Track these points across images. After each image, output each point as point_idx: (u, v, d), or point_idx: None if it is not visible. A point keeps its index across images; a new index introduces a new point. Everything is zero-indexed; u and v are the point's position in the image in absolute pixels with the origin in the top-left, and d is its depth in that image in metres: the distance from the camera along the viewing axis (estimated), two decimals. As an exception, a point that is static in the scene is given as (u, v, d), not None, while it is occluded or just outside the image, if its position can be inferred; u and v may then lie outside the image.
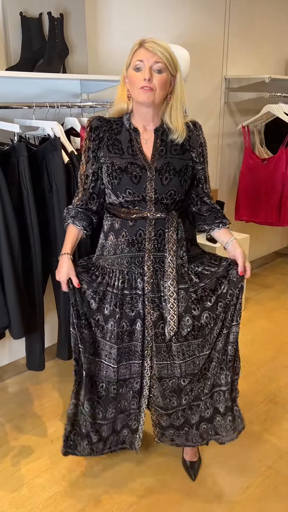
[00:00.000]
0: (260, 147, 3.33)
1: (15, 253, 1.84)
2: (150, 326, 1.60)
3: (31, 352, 2.12)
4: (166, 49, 1.44)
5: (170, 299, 1.56)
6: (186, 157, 1.57)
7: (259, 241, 4.02)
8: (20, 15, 2.06)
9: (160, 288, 1.59)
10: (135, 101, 1.51)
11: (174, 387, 1.67)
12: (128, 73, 1.48)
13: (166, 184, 1.52)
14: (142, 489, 1.83)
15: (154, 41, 1.43)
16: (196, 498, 1.79)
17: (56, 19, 2.13)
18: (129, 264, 1.58)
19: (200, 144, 1.60)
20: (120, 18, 2.55)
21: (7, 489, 1.83)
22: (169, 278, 1.55)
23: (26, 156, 1.83)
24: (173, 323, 1.57)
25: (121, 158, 1.53)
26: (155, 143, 1.55)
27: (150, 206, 1.54)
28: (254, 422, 2.19)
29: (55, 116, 2.15)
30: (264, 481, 1.87)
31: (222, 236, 1.69)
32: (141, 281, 1.58)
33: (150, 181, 1.51)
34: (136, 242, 1.56)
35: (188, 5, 2.86)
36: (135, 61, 1.44)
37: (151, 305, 1.59)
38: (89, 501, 1.78)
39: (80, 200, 1.64)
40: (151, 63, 1.43)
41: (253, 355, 2.76)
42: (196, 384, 1.69)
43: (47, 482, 1.86)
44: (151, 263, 1.57)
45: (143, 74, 1.43)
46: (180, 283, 1.58)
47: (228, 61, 3.25)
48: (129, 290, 1.59)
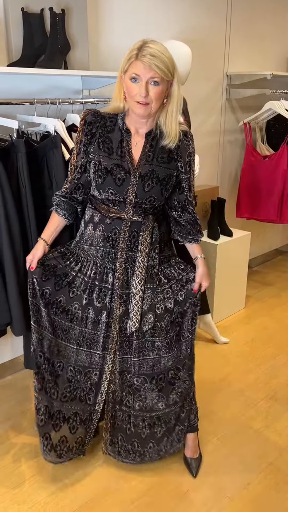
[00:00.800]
0: (262, 144, 3.32)
1: (17, 248, 1.84)
2: (117, 320, 1.67)
3: (28, 350, 2.12)
4: (163, 61, 1.42)
5: (136, 296, 1.63)
6: (171, 166, 1.61)
7: (260, 239, 4.01)
8: (22, 10, 2.05)
9: (129, 285, 1.66)
10: (131, 109, 1.53)
11: (130, 383, 1.74)
12: (124, 80, 1.49)
13: (148, 190, 1.57)
14: (143, 485, 1.84)
15: (151, 53, 1.40)
16: (197, 495, 1.79)
17: (57, 14, 2.12)
18: (103, 258, 1.65)
19: (189, 154, 1.63)
20: (122, 14, 2.54)
21: (8, 485, 1.84)
22: (138, 277, 1.62)
23: (24, 153, 1.83)
24: (135, 319, 1.64)
25: (109, 158, 1.56)
26: (144, 148, 1.58)
27: (129, 209, 1.59)
28: (255, 419, 2.19)
29: (57, 112, 2.14)
30: (265, 478, 1.87)
31: (191, 250, 1.79)
32: (112, 276, 1.65)
33: (132, 185, 1.56)
34: (110, 239, 1.63)
35: (190, 1, 2.85)
36: (132, 73, 1.44)
37: (119, 300, 1.66)
38: (90, 497, 1.78)
39: (65, 189, 1.70)
40: (147, 78, 1.43)
41: (254, 352, 2.77)
42: (149, 392, 1.74)
43: (48, 479, 1.87)
44: (123, 261, 1.64)
45: (140, 88, 1.44)
46: (148, 283, 1.65)
47: (230, 57, 3.24)
48: (99, 282, 1.67)
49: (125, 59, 1.46)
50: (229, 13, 3.11)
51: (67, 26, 2.20)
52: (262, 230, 3.96)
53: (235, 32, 3.20)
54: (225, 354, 2.74)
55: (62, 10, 2.14)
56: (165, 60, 1.43)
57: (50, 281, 1.66)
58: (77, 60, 2.30)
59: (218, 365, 2.63)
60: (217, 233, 3.01)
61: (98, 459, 1.96)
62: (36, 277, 1.64)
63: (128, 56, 1.45)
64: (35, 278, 1.64)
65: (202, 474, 1.89)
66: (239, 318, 3.20)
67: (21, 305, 1.87)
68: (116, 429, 1.83)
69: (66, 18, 2.19)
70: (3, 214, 1.77)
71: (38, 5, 2.09)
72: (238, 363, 2.66)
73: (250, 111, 3.42)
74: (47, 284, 1.66)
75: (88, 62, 2.34)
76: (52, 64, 2.10)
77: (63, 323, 1.71)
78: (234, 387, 2.43)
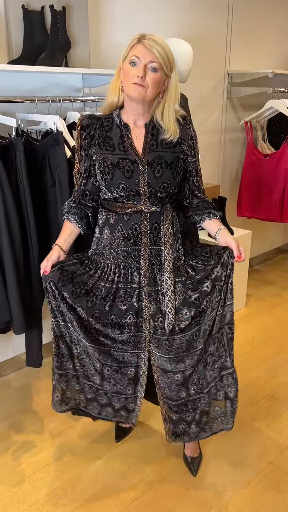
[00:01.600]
0: (263, 142, 3.31)
1: (17, 247, 1.84)
2: (148, 319, 1.60)
3: (28, 348, 2.12)
4: (164, 49, 1.45)
5: (168, 292, 1.56)
6: (177, 150, 1.59)
7: (261, 238, 4.01)
8: (22, 8, 2.04)
9: (157, 282, 1.59)
10: (126, 95, 1.53)
11: (180, 380, 1.66)
12: (123, 65, 1.50)
13: (159, 177, 1.54)
14: (142, 484, 1.83)
15: (153, 38, 1.44)
16: (197, 493, 1.79)
17: (58, 12, 2.12)
18: (125, 258, 1.59)
19: (191, 137, 1.63)
20: (123, 12, 2.53)
21: (8, 483, 1.84)
22: (166, 271, 1.57)
23: (22, 151, 1.82)
24: (171, 316, 1.56)
25: (113, 154, 1.55)
26: (146, 138, 1.57)
27: (145, 200, 1.55)
28: (256, 418, 2.19)
29: (57, 110, 2.13)
30: (265, 477, 1.87)
31: (212, 226, 1.70)
32: (137, 275, 1.59)
33: (142, 174, 1.53)
34: (132, 236, 1.58)
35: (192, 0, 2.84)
36: (132, 55, 1.46)
37: (148, 298, 1.59)
38: (90, 495, 1.78)
39: (73, 197, 1.69)
40: (147, 61, 1.44)
41: (255, 351, 2.76)
42: (202, 372, 1.67)
43: (48, 477, 1.87)
44: (147, 256, 1.58)
45: (137, 70, 1.45)
46: (177, 276, 1.59)
47: (231, 56, 3.23)
48: (124, 284, 1.60)
49: (127, 47, 1.48)
50: (230, 11, 3.10)
51: (67, 24, 2.19)
52: (263, 229, 3.95)
53: (236, 30, 3.19)
54: (225, 353, 2.74)
55: (62, 7, 2.14)
56: (166, 50, 1.46)
57: (67, 287, 1.59)
58: (78, 58, 2.30)
59: (218, 364, 2.63)
60: (218, 232, 3.00)
61: (99, 458, 1.96)
62: (53, 280, 1.58)
63: (129, 43, 1.47)
64: (51, 281, 1.58)
65: (202, 473, 1.89)
66: (240, 317, 3.19)
67: (21, 303, 1.87)
68: (175, 422, 1.73)
69: (67, 15, 2.18)
70: (2, 212, 1.77)
71: (39, 2, 2.09)
72: (238, 362, 2.65)
73: (251, 109, 3.41)
74: (64, 290, 1.59)
75: (89, 60, 2.34)
76: (53, 62, 2.10)
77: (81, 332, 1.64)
78: (235, 386, 2.43)
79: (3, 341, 2.46)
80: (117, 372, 1.69)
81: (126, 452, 1.99)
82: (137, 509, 1.73)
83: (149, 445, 2.02)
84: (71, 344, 1.71)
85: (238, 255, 1.63)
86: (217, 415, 1.75)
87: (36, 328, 2.05)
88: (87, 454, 1.98)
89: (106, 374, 1.70)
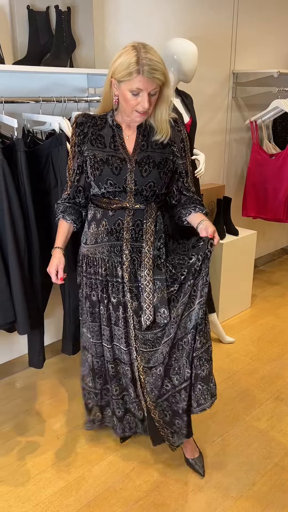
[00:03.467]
0: (268, 142, 3.30)
1: (21, 247, 1.84)
2: (132, 315, 1.67)
3: (30, 349, 2.12)
4: (161, 70, 1.44)
5: (146, 288, 1.61)
6: (166, 151, 1.62)
7: (266, 238, 3.99)
8: (27, 8, 2.05)
9: (137, 278, 1.64)
10: (126, 115, 1.55)
11: (162, 373, 1.69)
12: (120, 89, 1.49)
13: (146, 176, 1.58)
14: (147, 485, 1.83)
15: (150, 66, 1.41)
16: (202, 495, 1.79)
17: (63, 12, 2.12)
18: (109, 253, 1.65)
19: (182, 140, 1.66)
20: (128, 12, 2.53)
21: (13, 483, 1.84)
22: (146, 268, 1.61)
23: (23, 152, 1.83)
24: (149, 312, 1.62)
25: (103, 151, 1.59)
26: (137, 139, 1.61)
27: (130, 197, 1.60)
28: (260, 419, 2.18)
29: (62, 110, 2.14)
30: (270, 478, 1.86)
31: (196, 218, 1.65)
32: (120, 270, 1.65)
33: (130, 172, 1.57)
34: (114, 231, 1.63)
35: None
36: (134, 87, 1.45)
37: (130, 294, 1.66)
38: (95, 496, 1.78)
39: (67, 194, 1.72)
40: (149, 90, 1.46)
41: (259, 352, 2.75)
42: (180, 359, 1.66)
43: (53, 477, 1.87)
44: (129, 252, 1.63)
45: (142, 100, 1.47)
46: (156, 273, 1.62)
47: (236, 55, 3.22)
48: (111, 278, 1.67)
49: (123, 70, 1.44)
50: (236, 11, 3.09)
51: (72, 24, 2.20)
52: (268, 229, 3.94)
53: (242, 30, 3.18)
54: (230, 354, 2.73)
55: (67, 8, 2.14)
56: (162, 67, 1.45)
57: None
58: (83, 58, 2.30)
59: (223, 364, 2.62)
60: (222, 232, 2.99)
61: (103, 458, 1.96)
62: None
63: (126, 69, 1.43)
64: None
65: (207, 474, 1.88)
66: (245, 317, 3.18)
67: (25, 304, 1.87)
68: (169, 421, 1.77)
69: (72, 15, 2.18)
70: (7, 212, 1.77)
71: (44, 3, 2.09)
72: (243, 362, 2.64)
73: (257, 109, 3.40)
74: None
75: (93, 60, 2.34)
76: (58, 62, 2.10)
77: (94, 325, 1.78)
78: (239, 387, 2.42)
79: (8, 341, 2.47)
80: (119, 365, 1.79)
81: (131, 453, 1.99)
82: (142, 510, 1.72)
83: (152, 447, 2.01)
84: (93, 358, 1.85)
85: (211, 234, 1.57)
86: (198, 394, 1.71)
87: (37, 329, 2.05)
88: (91, 454, 1.98)
89: (112, 371, 1.79)
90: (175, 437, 1.79)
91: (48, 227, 2.05)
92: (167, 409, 1.75)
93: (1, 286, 1.84)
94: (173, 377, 1.69)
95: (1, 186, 1.76)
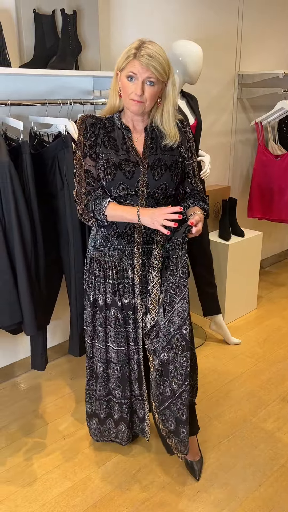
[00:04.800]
0: (274, 143, 3.29)
1: (28, 248, 1.85)
2: (141, 316, 1.70)
3: (33, 351, 2.13)
4: (159, 62, 1.44)
5: (153, 290, 1.64)
6: (175, 153, 1.63)
7: (272, 239, 3.98)
8: (34, 12, 2.06)
9: (147, 280, 1.66)
10: (125, 107, 1.57)
11: (160, 369, 1.70)
12: (121, 78, 1.51)
13: (158, 178, 1.58)
14: (153, 486, 1.83)
15: (148, 52, 1.42)
16: (208, 496, 1.79)
17: (69, 16, 2.13)
18: (120, 256, 1.66)
19: (188, 140, 1.66)
20: (133, 14, 2.54)
21: (19, 484, 1.85)
22: (154, 270, 1.63)
23: (29, 154, 1.84)
24: (154, 313, 1.66)
25: (116, 155, 1.58)
26: (145, 141, 1.61)
27: (142, 200, 1.59)
28: (267, 420, 2.18)
29: (68, 113, 2.15)
30: (277, 479, 1.85)
31: (191, 211, 1.61)
32: (131, 273, 1.67)
33: (143, 175, 1.57)
34: (125, 234, 1.63)
35: (201, 1, 2.84)
36: (129, 71, 1.46)
37: (140, 296, 1.68)
38: (101, 497, 1.78)
39: (92, 190, 1.60)
40: (144, 77, 1.46)
41: (265, 353, 2.74)
42: (175, 359, 1.64)
43: (59, 478, 1.87)
44: (140, 255, 1.64)
45: (135, 87, 1.47)
46: (164, 275, 1.64)
47: (241, 57, 3.22)
48: (121, 280, 1.68)
49: (123, 57, 1.48)
50: (241, 12, 3.10)
51: (78, 27, 2.21)
52: (274, 230, 3.93)
53: (247, 31, 3.18)
54: (236, 355, 2.73)
55: (73, 11, 2.15)
56: (162, 61, 1.45)
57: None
58: (89, 60, 2.31)
59: (229, 366, 2.62)
60: (228, 233, 2.99)
61: (110, 459, 1.97)
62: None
63: (125, 54, 1.47)
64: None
65: (213, 475, 1.88)
66: (251, 319, 3.18)
67: (32, 305, 1.88)
68: (175, 430, 1.75)
69: (78, 19, 2.19)
70: (14, 214, 1.79)
71: (50, 6, 2.10)
72: (249, 364, 2.64)
73: (262, 110, 3.40)
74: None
75: (99, 63, 2.35)
76: (64, 65, 2.11)
77: (100, 329, 1.79)
78: (246, 388, 2.42)
79: (14, 342, 2.48)
80: (128, 365, 1.80)
81: (137, 454, 1.99)
82: (148, 511, 1.73)
83: (160, 447, 2.01)
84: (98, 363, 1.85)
85: (192, 221, 1.50)
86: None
87: (40, 331, 2.06)
88: (98, 455, 1.98)
89: (115, 374, 1.80)
90: (181, 446, 1.75)
91: (54, 229, 2.06)
92: (171, 418, 1.73)
93: (8, 287, 1.85)
94: (172, 380, 1.68)
95: (8, 188, 1.77)
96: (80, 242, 1.98)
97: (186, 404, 1.69)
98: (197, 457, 1.91)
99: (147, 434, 1.91)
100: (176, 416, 1.72)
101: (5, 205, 1.79)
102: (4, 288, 1.84)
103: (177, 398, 1.69)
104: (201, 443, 2.02)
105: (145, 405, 1.86)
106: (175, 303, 1.60)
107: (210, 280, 2.64)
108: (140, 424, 1.92)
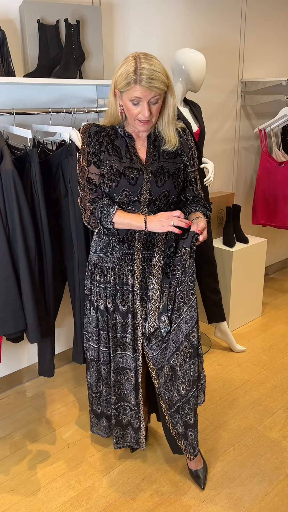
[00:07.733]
0: (277, 150, 3.29)
1: (32, 256, 1.86)
2: (141, 322, 1.69)
3: (40, 357, 2.13)
4: (161, 79, 1.44)
5: (153, 296, 1.64)
6: (177, 161, 1.64)
7: (277, 246, 3.97)
8: (38, 22, 2.09)
9: (147, 286, 1.66)
10: (131, 124, 1.57)
11: (170, 373, 1.70)
12: (123, 99, 1.51)
13: (161, 185, 1.59)
14: (158, 495, 1.81)
15: (148, 75, 1.41)
16: (213, 506, 1.76)
17: (72, 25, 2.15)
18: (120, 262, 1.66)
19: (190, 148, 1.67)
20: (136, 24, 2.56)
21: (23, 493, 1.84)
22: (154, 276, 1.63)
23: (37, 162, 1.85)
24: (153, 319, 1.65)
25: (120, 162, 1.59)
26: (148, 149, 1.63)
27: (144, 207, 1.60)
28: (272, 429, 2.15)
29: (72, 121, 2.16)
30: (283, 489, 1.83)
31: (193, 216, 1.63)
32: (131, 278, 1.67)
33: (146, 182, 1.58)
34: (126, 240, 1.64)
35: (204, 9, 2.86)
36: (132, 96, 1.46)
37: (140, 302, 1.68)
38: (105, 506, 1.77)
39: (98, 197, 1.61)
40: (148, 99, 1.47)
41: (271, 360, 2.72)
42: (183, 364, 1.65)
43: (63, 487, 1.86)
44: (140, 261, 1.65)
45: (141, 108, 1.48)
46: (165, 282, 1.64)
47: (244, 64, 3.24)
48: (120, 286, 1.68)
49: (121, 81, 1.46)
50: (243, 20, 3.12)
51: (82, 37, 2.23)
52: (278, 237, 3.91)
53: (249, 38, 3.20)
54: (241, 363, 2.71)
55: (77, 21, 2.17)
56: (162, 76, 1.45)
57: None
58: (92, 69, 2.33)
59: (234, 373, 2.60)
60: (232, 240, 2.99)
61: (114, 468, 1.95)
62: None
63: (124, 79, 1.45)
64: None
65: (219, 484, 1.86)
66: (256, 326, 3.16)
67: (35, 312, 1.88)
68: (183, 433, 1.76)
69: (81, 28, 2.22)
70: (18, 222, 1.79)
71: (54, 16, 2.13)
72: (254, 371, 2.62)
73: (265, 117, 3.41)
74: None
75: (102, 71, 2.37)
76: (68, 74, 2.13)
77: (100, 333, 1.78)
78: (251, 396, 2.40)
79: (18, 350, 2.48)
80: (120, 375, 1.80)
81: (141, 463, 1.97)
82: (153, 521, 1.71)
83: (164, 456, 2.00)
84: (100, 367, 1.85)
85: (199, 230, 1.54)
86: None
87: (48, 337, 2.06)
88: (102, 464, 1.97)
89: (113, 380, 1.80)
90: (190, 448, 1.77)
91: (58, 237, 2.06)
92: (180, 421, 1.75)
93: (12, 295, 1.85)
94: (180, 386, 1.69)
95: (13, 196, 1.78)
96: (84, 249, 1.99)
97: (194, 409, 1.71)
98: (200, 465, 1.89)
99: (142, 444, 1.89)
100: (184, 420, 1.73)
101: (9, 213, 1.80)
102: (8, 295, 1.85)
103: (185, 403, 1.71)
104: (206, 452, 2.00)
105: (141, 415, 1.84)
106: (183, 311, 1.61)
107: (215, 287, 2.63)
108: (134, 435, 1.89)
